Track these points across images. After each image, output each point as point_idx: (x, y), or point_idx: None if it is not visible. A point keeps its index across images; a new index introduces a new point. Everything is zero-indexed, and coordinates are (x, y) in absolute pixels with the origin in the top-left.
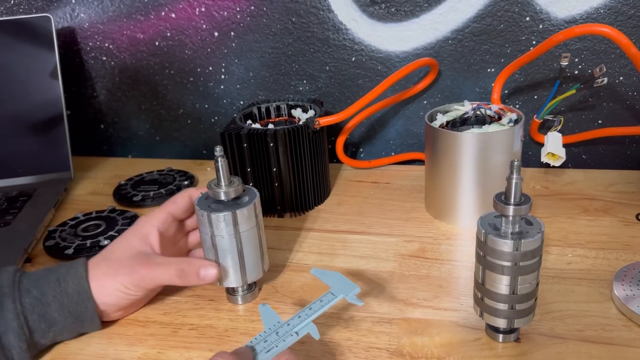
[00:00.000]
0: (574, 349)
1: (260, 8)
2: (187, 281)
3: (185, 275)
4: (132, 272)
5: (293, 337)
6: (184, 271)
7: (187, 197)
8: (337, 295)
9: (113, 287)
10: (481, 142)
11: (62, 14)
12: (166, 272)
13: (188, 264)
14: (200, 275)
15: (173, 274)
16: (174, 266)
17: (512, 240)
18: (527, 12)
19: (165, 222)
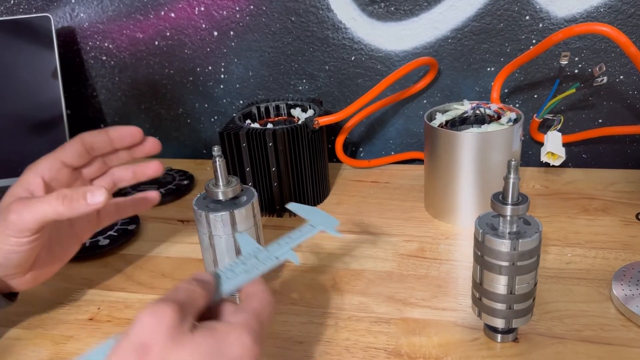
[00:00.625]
0: (572, 349)
1: (259, 7)
2: (72, 207)
3: (70, 200)
4: (10, 215)
5: (273, 261)
6: (67, 196)
7: (78, 142)
8: (317, 227)
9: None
10: (480, 142)
11: (62, 13)
12: (46, 201)
13: (71, 190)
14: (87, 199)
15: (54, 201)
16: (54, 194)
17: (509, 240)
18: (527, 11)
19: (51, 168)
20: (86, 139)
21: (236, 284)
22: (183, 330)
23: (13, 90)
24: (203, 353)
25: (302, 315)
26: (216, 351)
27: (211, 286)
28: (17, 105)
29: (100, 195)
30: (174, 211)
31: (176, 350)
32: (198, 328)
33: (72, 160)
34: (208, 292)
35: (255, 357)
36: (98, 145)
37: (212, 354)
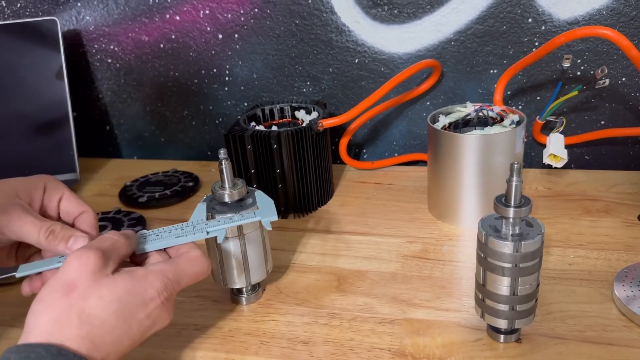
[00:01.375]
0: (574, 349)
1: (264, 10)
2: (52, 244)
3: (54, 238)
4: (1, 211)
5: (202, 234)
6: (54, 233)
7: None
8: (256, 216)
9: None
10: (483, 144)
11: (68, 16)
12: (37, 225)
13: (61, 227)
14: (68, 243)
15: (43, 231)
16: (47, 224)
17: (512, 242)
18: (530, 14)
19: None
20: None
21: (160, 245)
22: (105, 272)
23: (20, 92)
24: (120, 291)
25: (307, 315)
26: (132, 290)
27: (133, 239)
28: (23, 107)
29: (81, 244)
30: (180, 212)
31: (97, 289)
32: (119, 271)
33: (64, 209)
34: (129, 244)
35: (164, 300)
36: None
37: (128, 292)
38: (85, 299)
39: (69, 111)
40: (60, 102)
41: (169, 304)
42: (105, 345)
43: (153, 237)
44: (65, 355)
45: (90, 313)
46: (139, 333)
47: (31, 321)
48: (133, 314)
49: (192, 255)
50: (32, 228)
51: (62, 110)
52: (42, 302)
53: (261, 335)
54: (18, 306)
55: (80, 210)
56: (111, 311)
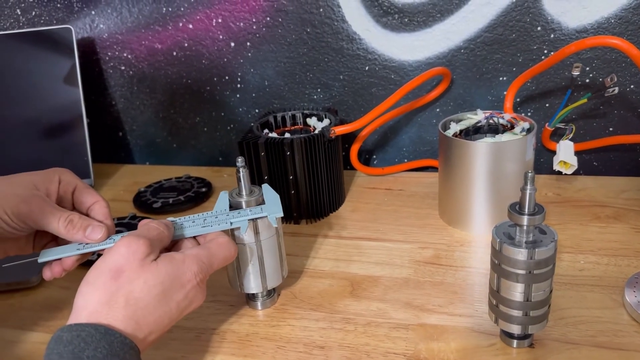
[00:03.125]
0: (586, 354)
1: (275, 19)
2: (71, 233)
3: (73, 227)
4: (23, 202)
5: (226, 225)
6: (73, 222)
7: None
8: (264, 213)
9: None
10: (494, 151)
11: (82, 24)
12: (57, 215)
13: (79, 217)
14: (86, 232)
15: (62, 220)
16: (65, 214)
17: (526, 249)
18: (539, 22)
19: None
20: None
21: (192, 232)
22: (150, 259)
23: (35, 99)
24: (162, 276)
25: (322, 320)
26: (172, 274)
27: (172, 229)
28: (39, 113)
29: (98, 233)
30: None
31: (143, 274)
32: (161, 257)
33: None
34: (170, 233)
35: (199, 282)
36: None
37: (169, 276)
38: (131, 283)
39: (83, 117)
40: (75, 108)
41: (203, 285)
42: (148, 324)
43: (186, 224)
44: (112, 334)
45: (136, 296)
46: (177, 312)
47: (80, 302)
48: (172, 295)
49: (221, 241)
50: (52, 218)
51: (76, 116)
52: (91, 285)
53: (278, 340)
54: (38, 310)
55: (93, 200)
56: (154, 294)
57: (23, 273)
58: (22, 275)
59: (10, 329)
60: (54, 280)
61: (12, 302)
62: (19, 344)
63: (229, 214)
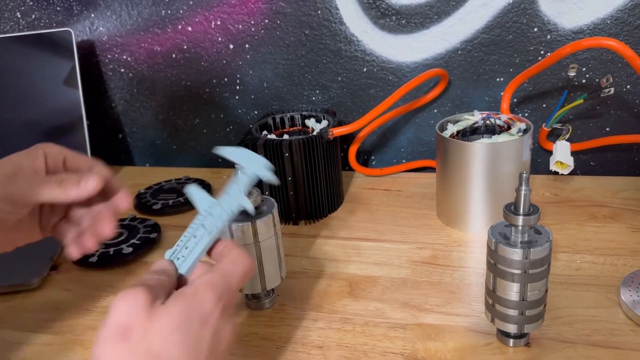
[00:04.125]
0: (582, 353)
1: (274, 21)
2: (67, 192)
3: (66, 184)
4: (8, 180)
5: (229, 214)
6: (64, 180)
7: (90, 163)
8: (248, 172)
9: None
10: (491, 152)
11: (82, 27)
12: (46, 181)
13: (69, 175)
14: (80, 184)
15: (53, 183)
16: (55, 176)
17: (521, 249)
18: (535, 23)
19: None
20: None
21: (194, 258)
22: (156, 305)
23: (35, 101)
24: (178, 317)
25: (321, 320)
26: (188, 312)
27: (171, 271)
28: (39, 115)
29: (92, 182)
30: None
31: (155, 323)
32: (169, 299)
33: (72, 167)
34: (171, 276)
35: (222, 310)
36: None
37: (186, 315)
38: (145, 339)
39: (83, 119)
40: (75, 110)
41: (228, 312)
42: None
43: (185, 252)
44: None
45: (155, 351)
46: (212, 353)
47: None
48: (198, 336)
49: (233, 256)
50: (43, 186)
51: (76, 118)
52: (103, 352)
53: (276, 340)
54: (39, 312)
55: (88, 164)
56: (175, 342)
57: (24, 275)
58: (23, 277)
59: (11, 330)
60: (55, 282)
61: (13, 303)
62: (20, 345)
63: (221, 204)
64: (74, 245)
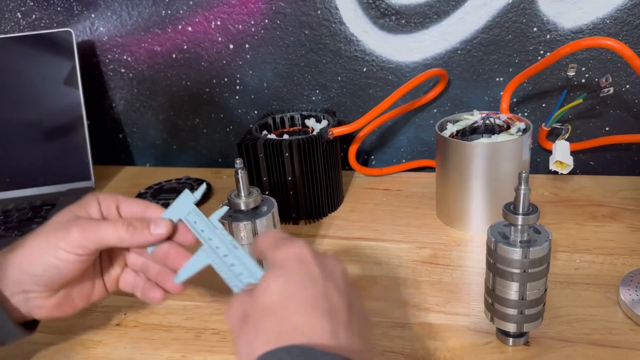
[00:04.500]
0: (581, 352)
1: (274, 21)
2: (135, 235)
3: (134, 228)
4: (73, 226)
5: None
6: (132, 224)
7: (141, 206)
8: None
9: (44, 252)
10: (491, 152)
11: (82, 27)
12: (111, 225)
13: (136, 219)
14: (150, 229)
15: (120, 226)
16: (121, 220)
17: (520, 249)
18: (535, 23)
19: (109, 204)
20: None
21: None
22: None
23: (36, 102)
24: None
25: None
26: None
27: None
28: (39, 115)
29: (163, 227)
30: None
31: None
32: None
33: (127, 212)
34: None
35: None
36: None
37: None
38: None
39: (83, 119)
40: (75, 110)
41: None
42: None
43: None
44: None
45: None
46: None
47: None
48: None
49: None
50: (108, 228)
51: (77, 118)
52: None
53: None
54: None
55: (143, 207)
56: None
57: None
58: None
59: None
60: None
61: None
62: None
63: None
64: (146, 297)
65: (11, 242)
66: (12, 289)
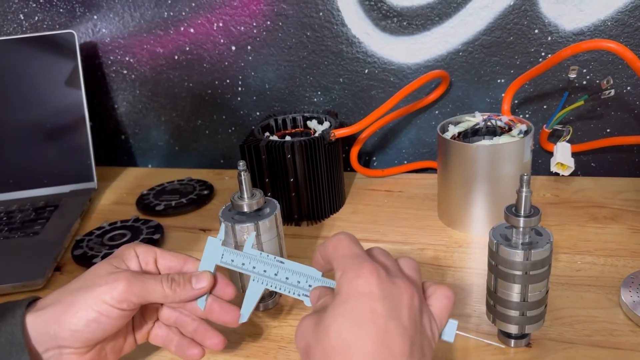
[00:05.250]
0: (583, 353)
1: (276, 23)
2: (177, 291)
3: (177, 284)
4: (117, 281)
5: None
6: (175, 279)
7: (182, 260)
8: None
9: (87, 307)
10: (492, 153)
11: (85, 29)
12: (157, 279)
13: (178, 274)
14: (192, 283)
15: (165, 282)
16: (165, 275)
17: (522, 251)
18: (536, 25)
19: (147, 255)
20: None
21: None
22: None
23: (38, 103)
24: (342, 310)
25: None
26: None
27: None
28: (42, 117)
29: (204, 280)
30: (196, 220)
31: (323, 326)
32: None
33: (164, 266)
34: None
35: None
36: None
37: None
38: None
39: (86, 121)
40: (77, 111)
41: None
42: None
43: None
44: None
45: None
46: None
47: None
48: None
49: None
50: (153, 283)
51: (79, 119)
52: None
53: (279, 341)
54: None
55: (181, 261)
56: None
57: (28, 275)
58: (27, 277)
59: None
60: (59, 282)
61: None
62: None
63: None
64: (184, 355)
65: (15, 243)
66: (47, 344)
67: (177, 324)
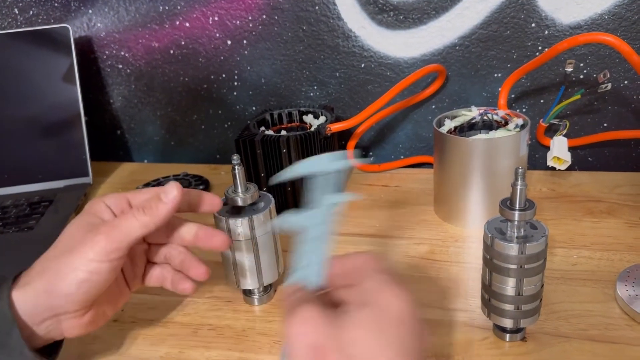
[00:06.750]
0: (578, 347)
1: (271, 17)
2: (154, 213)
3: (149, 207)
4: (97, 237)
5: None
6: (145, 206)
7: (153, 194)
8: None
9: (74, 269)
10: (488, 148)
11: (80, 23)
12: (131, 217)
13: (147, 200)
14: (162, 198)
15: (138, 214)
16: (134, 210)
17: (517, 244)
18: (533, 19)
19: (118, 203)
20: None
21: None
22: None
23: (33, 98)
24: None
25: None
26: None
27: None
28: (37, 112)
29: (172, 190)
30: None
31: (346, 332)
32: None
33: (138, 202)
34: (307, 292)
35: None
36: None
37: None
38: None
39: (81, 115)
40: (73, 106)
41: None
42: None
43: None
44: None
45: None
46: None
47: None
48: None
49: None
50: (129, 220)
51: (75, 114)
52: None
53: (273, 335)
54: None
55: (153, 193)
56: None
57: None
58: None
59: None
60: None
61: None
62: None
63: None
64: (178, 289)
65: (9, 238)
66: (42, 315)
67: (168, 259)
